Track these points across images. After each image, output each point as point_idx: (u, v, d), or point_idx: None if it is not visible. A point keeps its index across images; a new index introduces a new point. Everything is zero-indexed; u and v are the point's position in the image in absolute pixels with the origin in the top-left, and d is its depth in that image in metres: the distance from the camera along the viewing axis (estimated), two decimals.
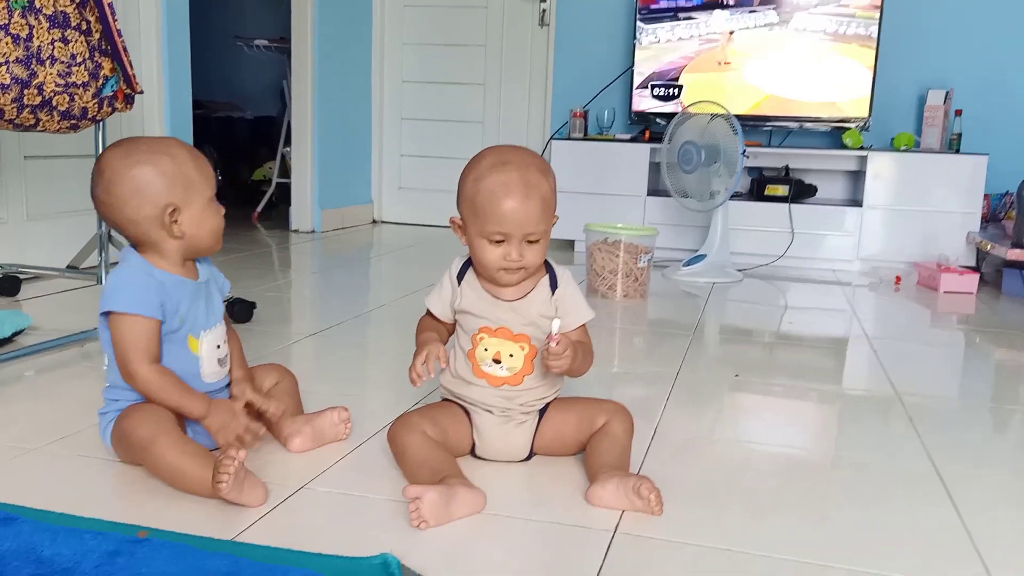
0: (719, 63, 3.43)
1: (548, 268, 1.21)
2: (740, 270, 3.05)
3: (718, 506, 1.09)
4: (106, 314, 1.09)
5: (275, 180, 4.13)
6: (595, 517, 1.03)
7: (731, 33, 3.39)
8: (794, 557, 0.96)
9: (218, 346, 1.17)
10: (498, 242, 1.12)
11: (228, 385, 1.21)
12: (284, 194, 3.97)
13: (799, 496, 1.14)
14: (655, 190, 3.42)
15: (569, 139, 3.53)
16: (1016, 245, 2.75)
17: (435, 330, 1.21)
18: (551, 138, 3.63)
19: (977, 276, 2.83)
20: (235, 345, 1.22)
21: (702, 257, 2.94)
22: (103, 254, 2.01)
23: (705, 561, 0.94)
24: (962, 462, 1.28)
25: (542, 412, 1.20)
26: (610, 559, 0.93)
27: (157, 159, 1.10)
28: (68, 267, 2.12)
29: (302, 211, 3.71)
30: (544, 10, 3.82)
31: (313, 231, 3.70)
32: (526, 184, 1.10)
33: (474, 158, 1.16)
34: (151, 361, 1.08)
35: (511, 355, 1.16)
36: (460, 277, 1.20)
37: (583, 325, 1.22)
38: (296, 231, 3.69)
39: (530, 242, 1.12)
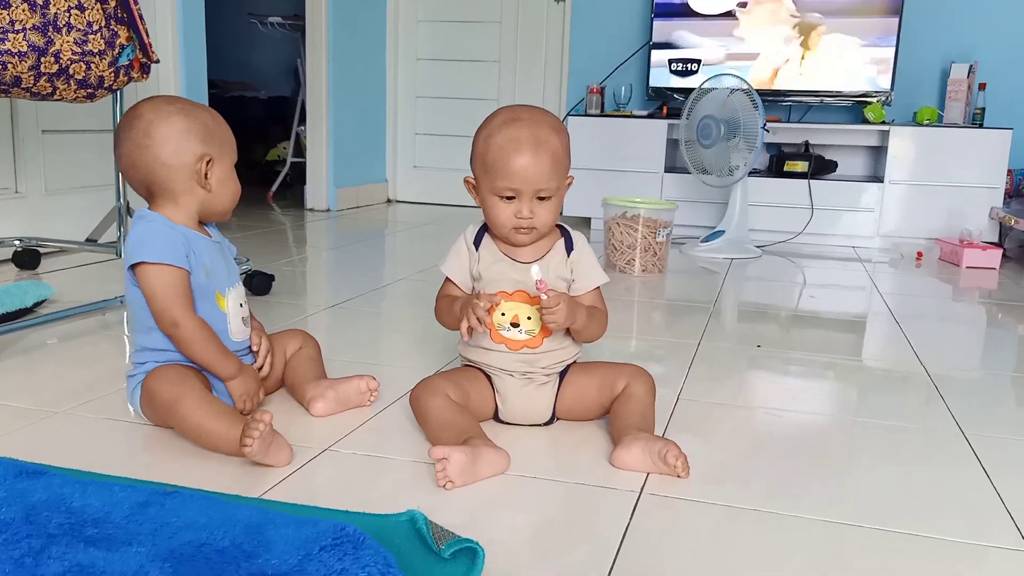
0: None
1: (563, 231, 1.20)
2: (759, 246, 3.02)
3: (745, 468, 1.08)
4: (132, 270, 1.09)
5: (289, 160, 4.13)
6: (620, 478, 1.02)
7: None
8: (823, 517, 0.95)
9: (241, 305, 1.18)
10: (509, 199, 1.11)
11: (250, 348, 1.21)
12: (299, 174, 3.97)
13: (827, 459, 1.13)
14: (672, 167, 3.39)
15: (586, 115, 3.50)
16: None
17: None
18: (568, 115, 3.60)
19: (1000, 251, 2.79)
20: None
21: (720, 233, 2.92)
22: (121, 228, 2.01)
23: (734, 521, 0.93)
24: (990, 429, 1.26)
25: (563, 376, 1.19)
26: (636, 518, 0.93)
27: (199, 112, 1.14)
28: (87, 240, 2.12)
29: (317, 190, 3.70)
30: None
31: (328, 210, 3.70)
32: (536, 140, 1.09)
33: (487, 117, 1.16)
34: (193, 311, 1.09)
35: (528, 318, 1.16)
36: (477, 243, 1.19)
37: (598, 289, 1.21)
38: (311, 210, 3.69)
39: (541, 199, 1.12)
